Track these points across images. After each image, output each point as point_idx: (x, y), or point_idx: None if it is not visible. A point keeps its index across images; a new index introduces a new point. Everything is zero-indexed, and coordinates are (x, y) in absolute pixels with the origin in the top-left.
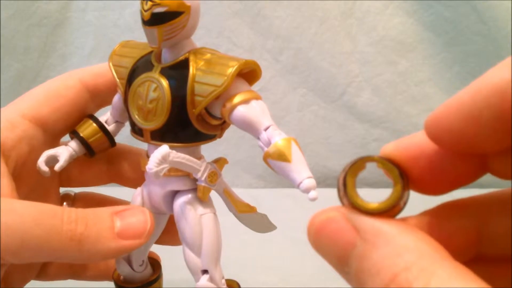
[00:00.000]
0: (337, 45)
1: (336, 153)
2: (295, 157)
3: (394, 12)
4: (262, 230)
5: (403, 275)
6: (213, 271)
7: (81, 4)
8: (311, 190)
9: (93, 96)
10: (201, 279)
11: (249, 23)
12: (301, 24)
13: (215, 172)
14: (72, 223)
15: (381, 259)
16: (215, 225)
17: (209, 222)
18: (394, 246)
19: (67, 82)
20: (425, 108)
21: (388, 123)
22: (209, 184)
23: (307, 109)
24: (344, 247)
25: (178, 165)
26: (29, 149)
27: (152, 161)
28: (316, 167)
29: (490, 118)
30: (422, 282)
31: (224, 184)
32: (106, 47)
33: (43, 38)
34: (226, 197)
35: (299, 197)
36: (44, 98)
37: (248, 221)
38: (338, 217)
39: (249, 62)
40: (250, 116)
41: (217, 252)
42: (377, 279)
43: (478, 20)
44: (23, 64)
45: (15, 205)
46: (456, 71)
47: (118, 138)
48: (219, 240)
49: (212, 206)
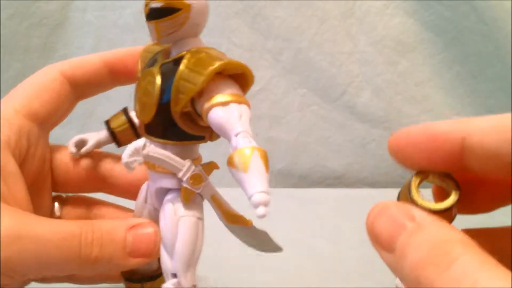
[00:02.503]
0: (337, 45)
1: (336, 153)
2: (253, 168)
3: (394, 12)
4: (262, 248)
5: (446, 257)
6: (182, 277)
7: (81, 4)
8: (259, 206)
9: (72, 87)
10: (167, 282)
11: (249, 23)
12: (301, 24)
13: (200, 175)
14: (88, 246)
15: (427, 235)
16: (194, 230)
17: (187, 225)
18: (443, 228)
19: (50, 75)
20: (425, 108)
21: (388, 123)
22: (191, 186)
23: (307, 109)
24: (396, 227)
25: (156, 161)
26: (27, 145)
27: (125, 152)
28: (316, 167)
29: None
30: (470, 281)
31: (213, 190)
32: (106, 47)
33: (43, 38)
34: (213, 203)
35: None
36: (33, 92)
37: (242, 234)
38: (394, 205)
39: (233, 63)
40: (224, 119)
41: (189, 258)
42: (419, 251)
43: (478, 20)
44: (23, 64)
45: (37, 231)
46: (456, 71)
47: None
48: (195, 246)
49: (197, 210)
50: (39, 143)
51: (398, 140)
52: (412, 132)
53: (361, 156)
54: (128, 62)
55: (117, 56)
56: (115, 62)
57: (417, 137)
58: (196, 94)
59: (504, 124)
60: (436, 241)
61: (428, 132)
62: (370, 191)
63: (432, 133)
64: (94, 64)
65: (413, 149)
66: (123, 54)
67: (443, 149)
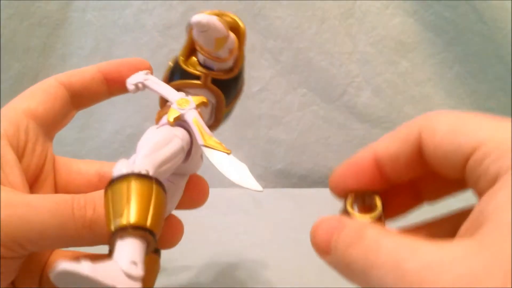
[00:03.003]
0: (337, 45)
1: (336, 153)
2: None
3: (394, 12)
4: (241, 181)
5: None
6: (138, 157)
7: (81, 4)
8: None
9: (69, 93)
10: (122, 160)
11: (249, 23)
12: (301, 24)
13: (187, 100)
14: (82, 209)
15: (349, 229)
16: (168, 137)
17: (165, 131)
18: (360, 222)
19: (47, 81)
20: (425, 108)
21: (388, 123)
22: (178, 107)
23: (307, 109)
24: (330, 232)
25: (153, 88)
26: (25, 139)
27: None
28: (316, 167)
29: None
30: (375, 245)
31: (196, 115)
32: (106, 47)
33: (43, 38)
34: (194, 125)
35: (299, 197)
36: (30, 93)
37: (219, 161)
38: (330, 217)
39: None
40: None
41: (154, 149)
42: (345, 240)
43: (478, 20)
44: (23, 64)
45: (29, 199)
46: (456, 71)
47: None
48: (164, 148)
49: (180, 137)
50: (38, 140)
51: (333, 178)
52: (339, 170)
53: None
54: (123, 72)
55: (112, 66)
56: (111, 71)
57: (343, 171)
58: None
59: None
60: (355, 230)
61: (349, 165)
62: None
63: (350, 165)
64: (90, 73)
65: (343, 180)
66: (119, 64)
67: (362, 172)
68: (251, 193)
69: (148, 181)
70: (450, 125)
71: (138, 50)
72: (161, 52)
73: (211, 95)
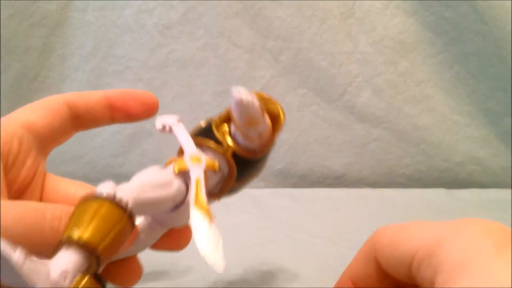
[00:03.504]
0: (337, 45)
1: (336, 153)
2: None
3: (394, 12)
4: (205, 251)
5: None
6: (123, 186)
7: (81, 4)
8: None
9: (71, 112)
10: (109, 182)
11: (249, 23)
12: (301, 24)
13: (199, 158)
14: (56, 220)
15: None
16: (166, 180)
17: (164, 174)
18: None
19: (51, 98)
20: (425, 108)
21: (388, 123)
22: (188, 160)
23: (307, 109)
24: None
25: (177, 136)
26: (18, 149)
27: (160, 117)
28: (316, 167)
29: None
30: None
31: (200, 176)
32: (106, 47)
33: (43, 38)
34: (194, 185)
35: (299, 197)
36: (31, 107)
37: (197, 224)
38: None
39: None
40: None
41: (143, 185)
42: None
43: (478, 20)
44: (23, 64)
45: None
46: (456, 71)
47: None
48: (151, 181)
49: (180, 186)
50: (31, 153)
51: None
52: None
53: (361, 156)
54: (129, 102)
55: (119, 95)
56: (117, 100)
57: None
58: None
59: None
60: None
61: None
62: (370, 191)
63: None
64: (96, 98)
65: None
66: (126, 94)
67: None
68: (251, 193)
69: (121, 210)
70: (391, 240)
71: (138, 50)
72: (161, 52)
73: (226, 166)
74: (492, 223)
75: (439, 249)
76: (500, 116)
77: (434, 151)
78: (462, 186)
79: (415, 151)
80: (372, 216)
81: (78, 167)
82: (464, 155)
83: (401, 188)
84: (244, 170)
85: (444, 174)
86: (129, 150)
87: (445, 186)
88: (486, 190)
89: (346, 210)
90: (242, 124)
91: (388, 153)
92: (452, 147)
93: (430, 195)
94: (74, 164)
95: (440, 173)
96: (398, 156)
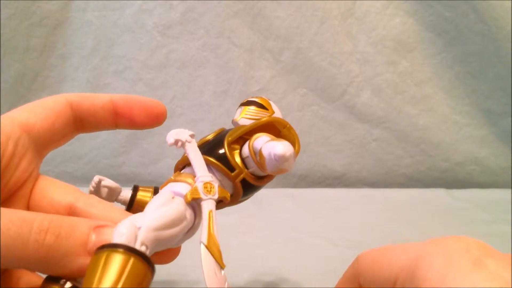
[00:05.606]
0: (337, 45)
1: (336, 153)
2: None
3: (394, 12)
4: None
5: None
6: (144, 228)
7: (81, 4)
8: None
9: (74, 113)
10: (127, 221)
11: (249, 23)
12: (301, 24)
13: (213, 186)
14: (41, 233)
15: None
16: (180, 213)
17: (177, 205)
18: None
19: (54, 97)
20: (425, 108)
21: (388, 123)
22: (202, 189)
23: (307, 109)
24: None
25: (190, 153)
26: (12, 151)
27: (172, 131)
28: (316, 167)
29: None
30: None
31: (213, 208)
32: (106, 47)
33: (43, 38)
34: (207, 220)
35: (299, 198)
36: (33, 106)
37: (210, 267)
38: None
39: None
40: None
41: (159, 226)
42: None
43: (478, 20)
44: (23, 64)
45: None
46: (456, 71)
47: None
48: (171, 225)
49: (190, 215)
50: (26, 156)
51: None
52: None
53: (361, 156)
54: (135, 110)
55: (125, 101)
56: (123, 105)
57: None
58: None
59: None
60: None
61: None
62: (370, 191)
63: None
64: (102, 101)
65: None
66: (132, 101)
67: None
68: None
69: (145, 265)
70: (372, 265)
71: (138, 50)
72: (161, 52)
73: (232, 189)
74: (471, 240)
75: (420, 267)
76: (500, 116)
77: (434, 151)
78: (462, 186)
79: (415, 151)
80: (372, 216)
81: (78, 167)
82: (464, 155)
83: (401, 188)
84: (248, 193)
85: (444, 174)
86: (129, 150)
87: (445, 186)
88: (486, 190)
89: (346, 210)
90: (271, 171)
91: (388, 153)
92: (452, 147)
93: (430, 195)
94: (74, 164)
95: (440, 173)
96: (398, 156)
